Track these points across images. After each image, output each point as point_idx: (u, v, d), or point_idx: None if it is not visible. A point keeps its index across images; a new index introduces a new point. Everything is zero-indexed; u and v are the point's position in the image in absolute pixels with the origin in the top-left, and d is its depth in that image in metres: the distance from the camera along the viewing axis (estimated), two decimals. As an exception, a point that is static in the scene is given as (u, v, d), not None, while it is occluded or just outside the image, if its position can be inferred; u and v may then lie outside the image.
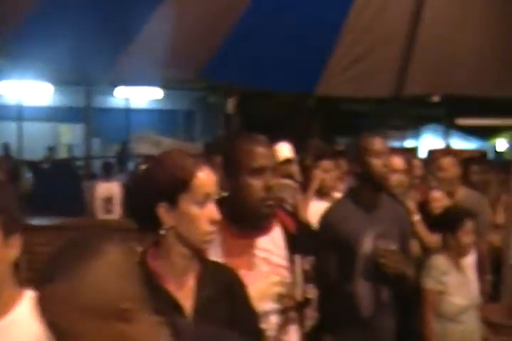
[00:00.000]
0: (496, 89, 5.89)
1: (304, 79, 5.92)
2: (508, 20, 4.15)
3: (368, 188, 2.67)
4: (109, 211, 6.62)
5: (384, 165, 2.61)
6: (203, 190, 1.49)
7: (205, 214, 1.49)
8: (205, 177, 1.51)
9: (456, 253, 3.15)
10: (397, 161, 3.40)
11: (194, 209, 1.49)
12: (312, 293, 1.98)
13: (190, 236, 1.51)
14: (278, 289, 1.89)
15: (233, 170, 1.87)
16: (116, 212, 6.60)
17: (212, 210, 1.51)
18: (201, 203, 1.49)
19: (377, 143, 2.65)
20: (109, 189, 6.69)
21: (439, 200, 3.79)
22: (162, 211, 1.50)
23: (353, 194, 2.77)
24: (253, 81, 6.02)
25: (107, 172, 7.65)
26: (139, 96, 13.34)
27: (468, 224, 3.09)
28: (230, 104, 15.08)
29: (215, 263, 1.66)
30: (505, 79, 5.07)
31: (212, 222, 1.51)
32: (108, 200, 6.67)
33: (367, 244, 2.60)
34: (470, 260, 3.37)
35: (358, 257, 2.60)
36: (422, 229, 3.65)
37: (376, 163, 2.61)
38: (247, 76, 5.75)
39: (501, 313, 3.51)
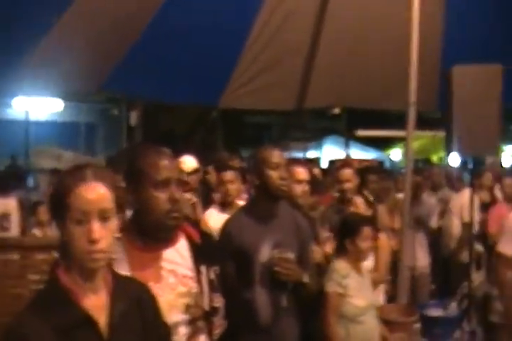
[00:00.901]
0: (387, 102, 6.22)
1: (207, 91, 5.96)
2: (402, 40, 4.41)
3: (265, 199, 2.75)
4: (4, 228, 6.32)
5: (281, 177, 2.70)
6: (81, 208, 1.44)
7: (84, 233, 1.44)
8: (83, 195, 1.45)
9: (356, 258, 3.30)
10: (301, 172, 3.51)
11: (72, 228, 1.45)
12: (219, 301, 2.02)
13: (75, 255, 1.47)
14: (186, 300, 1.91)
15: (137, 183, 1.88)
16: (14, 230, 6.31)
17: (91, 229, 1.44)
18: (80, 221, 1.45)
19: (275, 155, 2.73)
20: (6, 205, 6.40)
21: (359, 207, 3.97)
22: (57, 227, 1.49)
23: (251, 205, 2.85)
24: (155, 93, 5.99)
25: (2, 188, 7.29)
26: (39, 108, 12.84)
27: (366, 231, 3.25)
28: (133, 117, 14.88)
29: (126, 278, 1.67)
30: (394, 93, 5.36)
31: (92, 241, 1.44)
32: (4, 217, 6.37)
33: (264, 253, 2.67)
34: (368, 264, 3.54)
35: (256, 265, 2.67)
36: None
37: (273, 174, 2.69)
38: (149, 88, 5.71)
39: (397, 311, 3.71)
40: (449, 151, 4.33)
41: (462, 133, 4.17)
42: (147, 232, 1.90)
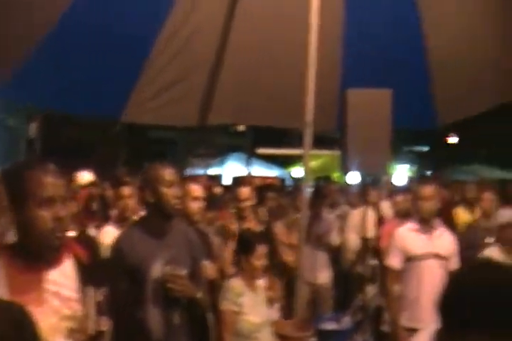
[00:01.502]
0: (288, 121, 6.35)
1: (109, 104, 5.82)
2: (302, 60, 4.53)
3: (158, 216, 2.75)
4: None
5: (175, 195, 2.71)
6: None
7: None
8: None
9: (251, 276, 3.33)
10: (196, 189, 3.52)
11: None
12: (105, 325, 1.97)
13: None
14: (69, 323, 1.85)
15: (20, 201, 1.81)
16: None
17: None
18: None
19: (168, 173, 2.74)
20: None
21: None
22: None
23: (143, 221, 2.83)
24: (54, 104, 5.77)
25: None
26: None
27: (260, 249, 3.29)
28: (33, 128, 14.28)
29: (2, 302, 1.59)
30: (295, 112, 5.50)
31: None
32: None
33: (156, 270, 2.66)
34: (263, 281, 3.58)
35: (148, 283, 2.65)
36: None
37: (167, 192, 2.70)
38: (47, 99, 5.50)
39: (292, 327, 3.78)
40: (343, 170, 4.48)
41: (355, 153, 4.34)
42: (30, 252, 1.83)
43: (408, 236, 4.00)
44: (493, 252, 3.91)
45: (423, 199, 3.93)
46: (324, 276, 5.92)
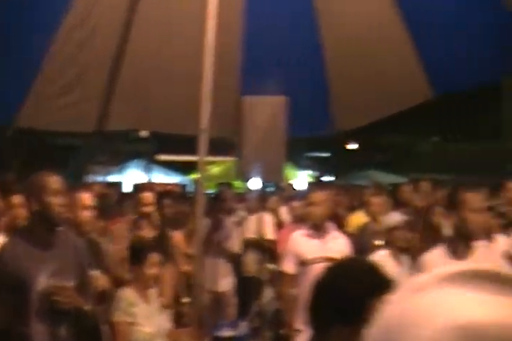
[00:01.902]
0: (188, 127, 6.31)
1: (2, 109, 5.55)
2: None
3: (43, 225, 2.66)
4: None
5: (60, 204, 2.63)
6: None
7: None
8: None
9: (143, 285, 3.27)
10: (86, 197, 3.42)
11: None
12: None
13: None
14: None
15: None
16: None
17: None
18: None
19: (54, 181, 2.66)
20: None
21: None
22: None
23: (27, 231, 2.72)
24: None
25: None
26: None
27: (153, 257, 3.24)
28: None
29: None
30: (194, 118, 5.48)
31: None
32: None
33: (41, 282, 2.57)
34: (156, 290, 3.53)
35: (33, 296, 2.56)
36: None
37: (53, 201, 2.61)
38: None
39: (187, 335, 3.74)
40: (238, 177, 4.51)
41: (250, 160, 4.38)
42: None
43: (301, 241, 4.09)
44: (382, 255, 4.07)
45: (314, 205, 4.03)
46: (226, 283, 5.93)
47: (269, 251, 5.57)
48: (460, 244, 2.87)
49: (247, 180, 5.70)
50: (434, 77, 8.22)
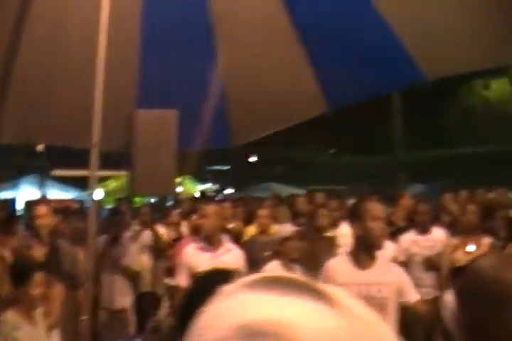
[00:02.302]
0: (82, 140, 6.16)
1: None
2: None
3: None
4: None
5: None
6: None
7: None
8: None
9: (28, 307, 3.13)
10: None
11: None
12: None
13: None
14: None
15: None
16: None
17: None
18: None
19: None
20: None
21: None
22: None
23: None
24: None
25: None
26: None
27: (37, 277, 3.11)
28: None
29: None
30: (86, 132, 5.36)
31: None
32: None
33: None
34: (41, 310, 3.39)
35: None
36: None
37: None
38: None
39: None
40: (130, 191, 4.45)
41: (142, 174, 4.34)
42: None
43: (193, 255, 4.08)
44: (274, 266, 4.14)
45: (205, 218, 4.04)
46: (124, 301, 5.78)
47: (166, 264, 5.52)
48: (363, 253, 2.92)
49: (139, 194, 5.64)
50: (329, 91, 8.55)
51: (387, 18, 7.89)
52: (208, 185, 15.73)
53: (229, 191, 16.66)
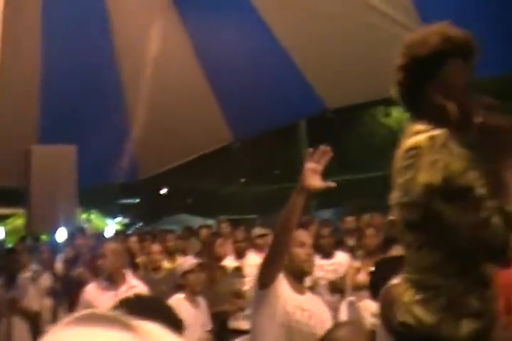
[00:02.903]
0: None
1: None
2: None
3: None
4: None
5: None
6: None
7: None
8: None
9: None
10: None
11: None
12: None
13: None
14: None
15: None
16: None
17: None
18: None
19: None
20: None
21: None
22: None
23: None
24: None
25: None
26: None
27: None
28: None
29: None
30: None
31: None
32: None
33: None
34: None
35: None
36: None
37: None
38: None
39: None
40: (27, 229, 4.31)
41: (40, 211, 4.22)
42: None
43: (94, 294, 3.97)
44: (179, 299, 4.10)
45: (105, 257, 3.97)
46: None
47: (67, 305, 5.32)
48: (293, 279, 2.91)
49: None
50: (233, 123, 8.69)
51: (290, 51, 8.20)
52: (119, 219, 15.37)
53: (138, 224, 16.36)
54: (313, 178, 2.34)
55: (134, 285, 4.12)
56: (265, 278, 2.63)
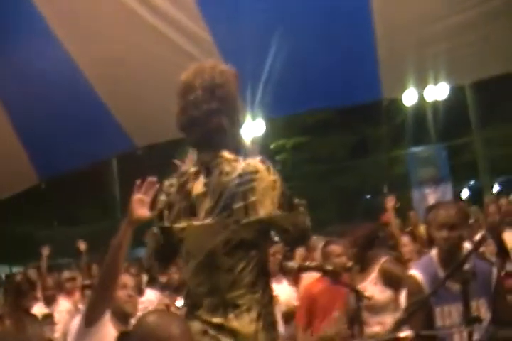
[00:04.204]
0: None
1: None
2: None
3: None
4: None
5: None
6: None
7: None
8: None
9: None
10: None
11: None
12: None
13: None
14: None
15: None
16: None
17: None
18: None
19: None
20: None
21: None
22: None
23: None
24: None
25: None
26: None
27: None
28: None
29: None
30: None
31: None
32: None
33: None
34: None
35: None
36: None
37: None
38: None
39: None
40: None
41: None
42: None
43: None
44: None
45: None
46: None
47: None
48: (118, 321, 2.84)
49: None
50: (38, 163, 8.39)
51: (100, 94, 8.17)
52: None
53: None
54: (141, 209, 2.36)
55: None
56: (92, 315, 2.48)
